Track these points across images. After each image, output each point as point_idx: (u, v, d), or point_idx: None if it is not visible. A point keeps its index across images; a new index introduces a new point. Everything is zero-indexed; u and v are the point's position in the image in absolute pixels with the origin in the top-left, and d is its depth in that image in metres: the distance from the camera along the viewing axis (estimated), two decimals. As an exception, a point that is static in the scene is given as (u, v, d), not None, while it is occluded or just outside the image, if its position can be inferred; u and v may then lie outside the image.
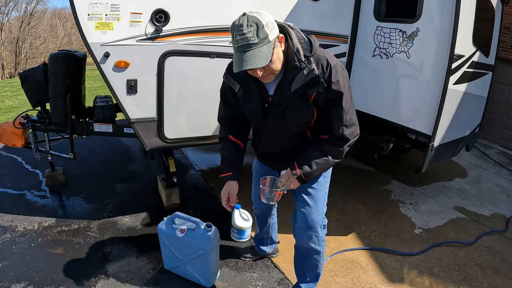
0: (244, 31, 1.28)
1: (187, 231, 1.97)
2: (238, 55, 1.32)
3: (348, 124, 1.50)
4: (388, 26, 2.76)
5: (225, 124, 1.77)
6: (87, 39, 2.09)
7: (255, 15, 1.31)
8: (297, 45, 1.40)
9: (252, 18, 1.29)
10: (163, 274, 2.24)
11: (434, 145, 2.63)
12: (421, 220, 3.11)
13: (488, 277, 2.47)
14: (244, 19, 1.30)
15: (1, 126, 2.99)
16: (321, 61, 1.43)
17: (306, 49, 1.42)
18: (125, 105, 2.29)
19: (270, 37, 1.31)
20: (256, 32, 1.28)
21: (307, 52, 1.42)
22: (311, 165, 1.55)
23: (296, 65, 1.40)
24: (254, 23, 1.28)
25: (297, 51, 1.40)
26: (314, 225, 1.76)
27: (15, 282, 2.13)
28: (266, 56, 1.31)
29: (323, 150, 1.55)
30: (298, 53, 1.40)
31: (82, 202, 3.00)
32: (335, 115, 1.49)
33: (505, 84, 5.43)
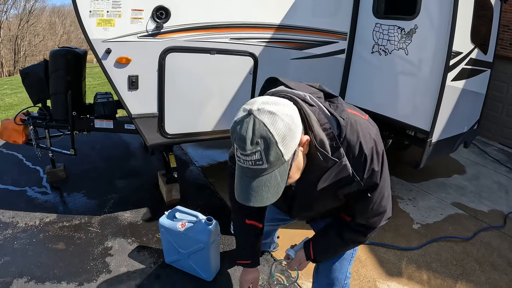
0: (247, 151, 0.90)
1: (188, 225, 1.99)
2: (239, 179, 0.98)
3: (377, 213, 1.24)
4: (386, 23, 2.78)
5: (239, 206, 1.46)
6: (88, 36, 2.10)
7: (265, 121, 0.89)
8: (320, 136, 1.02)
9: (260, 128, 0.88)
10: (164, 268, 2.26)
11: (432, 141, 2.66)
12: (419, 216, 3.13)
13: (486, 272, 2.50)
14: (248, 128, 0.89)
15: (2, 123, 3.01)
16: (354, 149, 1.09)
17: (332, 137, 1.04)
18: (126, 101, 2.31)
19: (286, 156, 0.92)
20: (265, 154, 0.90)
21: (334, 142, 1.05)
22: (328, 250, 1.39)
23: (322, 163, 1.06)
24: (261, 139, 0.88)
25: (321, 144, 1.03)
26: (333, 282, 1.54)
27: (17, 277, 2.15)
28: (278, 185, 0.96)
29: (343, 237, 1.33)
30: (323, 147, 1.03)
31: (83, 198, 3.02)
32: (361, 206, 1.22)
33: (504, 82, 5.44)
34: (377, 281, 2.32)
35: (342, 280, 1.53)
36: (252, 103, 0.93)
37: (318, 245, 1.39)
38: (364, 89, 3.03)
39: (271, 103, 0.92)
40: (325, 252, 1.39)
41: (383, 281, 2.32)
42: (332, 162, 1.06)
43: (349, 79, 3.11)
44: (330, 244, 1.37)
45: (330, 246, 1.37)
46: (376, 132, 1.15)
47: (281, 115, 0.90)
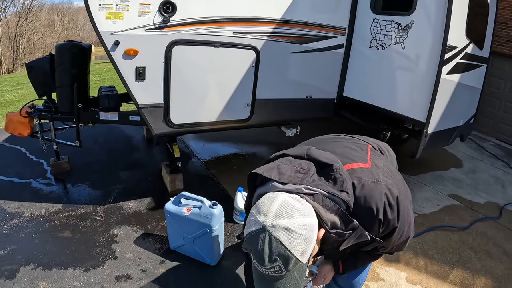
0: (266, 266, 0.91)
1: (193, 209, 2.06)
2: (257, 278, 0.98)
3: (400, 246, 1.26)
4: (384, 18, 2.86)
5: None
6: (98, 28, 2.18)
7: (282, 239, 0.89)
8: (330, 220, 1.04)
9: (278, 246, 0.89)
10: (169, 254, 2.34)
11: (428, 132, 2.73)
12: (416, 206, 3.20)
13: (482, 260, 2.56)
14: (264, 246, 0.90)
15: (7, 116, 3.06)
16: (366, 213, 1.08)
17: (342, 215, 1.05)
18: (133, 91, 2.39)
19: (304, 261, 0.94)
20: (284, 266, 0.91)
21: (345, 217, 1.05)
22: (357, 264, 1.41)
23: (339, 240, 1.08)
24: (280, 256, 0.89)
25: (334, 226, 1.05)
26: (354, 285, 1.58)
27: (24, 264, 2.21)
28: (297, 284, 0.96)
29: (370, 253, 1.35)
30: (335, 227, 1.05)
31: (87, 188, 3.08)
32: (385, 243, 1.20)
33: (501, 78, 5.47)
34: (375, 266, 2.39)
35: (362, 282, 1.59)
36: (265, 214, 0.91)
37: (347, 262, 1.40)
38: (362, 83, 3.10)
39: (285, 216, 0.90)
40: (354, 266, 1.40)
41: (381, 267, 2.40)
42: (348, 235, 1.07)
43: (347, 73, 3.19)
44: (358, 259, 1.38)
45: (359, 260, 1.39)
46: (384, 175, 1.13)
47: (297, 229, 0.90)
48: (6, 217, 2.66)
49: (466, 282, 2.33)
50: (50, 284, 2.06)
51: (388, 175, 1.15)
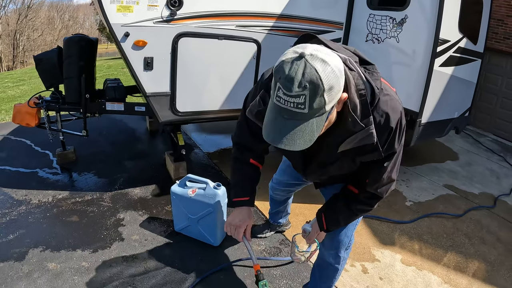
0: (293, 93, 0.87)
1: (198, 191, 2.16)
2: (273, 118, 0.95)
3: (386, 182, 1.27)
4: (379, 13, 2.97)
5: (246, 149, 1.50)
6: (109, 20, 2.31)
7: (318, 67, 0.87)
8: (354, 100, 1.03)
9: (311, 73, 0.86)
10: (174, 235, 2.44)
11: (421, 122, 2.84)
12: (412, 195, 3.30)
13: (475, 246, 2.65)
14: (298, 70, 0.87)
15: (15, 107, 3.12)
16: (382, 119, 1.10)
17: (365, 103, 1.05)
18: (142, 80, 2.51)
19: (327, 106, 0.91)
20: (310, 100, 0.88)
21: (365, 108, 1.05)
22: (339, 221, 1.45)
23: (349, 126, 1.06)
24: (310, 84, 0.86)
25: (354, 108, 1.04)
26: (338, 245, 1.62)
27: (33, 247, 2.29)
28: (312, 134, 0.93)
29: (351, 209, 1.39)
30: (354, 111, 1.04)
31: (94, 177, 3.18)
32: (374, 173, 1.25)
33: (499, 75, 5.55)
34: (371, 248, 2.50)
35: (346, 243, 1.63)
36: (303, 47, 0.90)
37: (329, 217, 1.45)
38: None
39: (324, 52, 0.90)
40: (336, 223, 1.45)
41: (377, 249, 2.50)
42: (360, 127, 1.06)
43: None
44: (340, 215, 1.43)
45: (340, 218, 1.43)
46: (401, 106, 1.17)
47: (333, 66, 0.89)
48: (14, 204, 2.73)
49: (460, 265, 2.42)
50: (58, 264, 2.15)
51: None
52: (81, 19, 38.05)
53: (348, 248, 1.66)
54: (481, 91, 5.74)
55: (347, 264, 2.33)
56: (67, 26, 35.70)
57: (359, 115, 1.05)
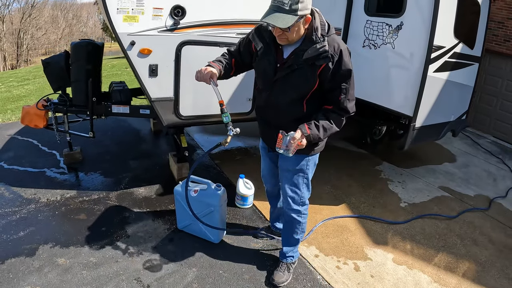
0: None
1: (199, 191, 2.28)
2: (268, 10, 1.60)
3: (351, 98, 1.77)
4: (376, 20, 3.06)
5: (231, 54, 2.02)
6: (116, 30, 2.43)
7: None
8: (317, 25, 1.67)
9: None
10: (177, 233, 2.56)
11: (415, 126, 2.94)
12: (407, 196, 3.39)
13: (467, 247, 2.71)
14: None
15: (24, 109, 3.22)
16: (334, 43, 1.68)
17: (324, 30, 1.68)
18: (147, 86, 2.64)
19: (299, 12, 1.56)
20: (291, 2, 1.54)
21: (324, 32, 1.68)
22: (318, 127, 1.76)
23: (312, 39, 1.67)
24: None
25: (316, 29, 1.66)
26: (292, 201, 2.05)
27: (42, 243, 2.40)
28: (286, 23, 1.56)
29: (329, 118, 1.78)
30: (316, 31, 1.66)
31: (100, 176, 3.30)
32: (342, 89, 1.73)
33: (498, 77, 5.59)
34: (364, 247, 2.60)
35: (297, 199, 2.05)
36: None
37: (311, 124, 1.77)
38: (356, 80, 3.30)
39: None
40: (316, 128, 1.76)
41: (370, 248, 2.60)
42: (318, 41, 1.66)
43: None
44: (319, 122, 1.77)
45: (320, 124, 1.76)
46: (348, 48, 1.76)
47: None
48: (23, 202, 2.85)
49: (450, 265, 2.49)
50: (68, 260, 2.26)
51: None
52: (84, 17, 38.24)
53: (303, 204, 2.09)
54: (480, 93, 5.79)
55: (340, 262, 2.44)
56: (70, 25, 35.89)
57: (319, 35, 1.68)
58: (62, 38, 33.86)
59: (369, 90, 3.25)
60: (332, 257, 2.48)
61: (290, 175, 2.02)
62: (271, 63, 1.81)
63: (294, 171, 2.00)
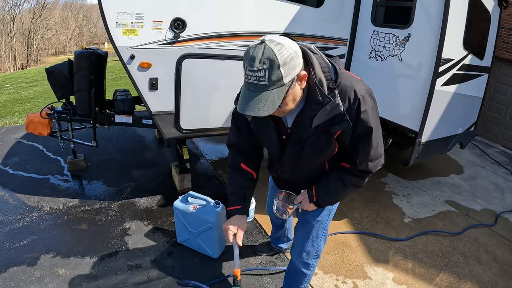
0: (255, 68, 1.08)
1: (198, 207, 2.27)
2: (244, 92, 1.16)
3: (374, 158, 1.39)
4: (383, 31, 3.00)
5: (236, 150, 1.59)
6: (115, 43, 2.41)
7: (273, 48, 1.07)
8: (319, 76, 1.21)
9: (268, 52, 1.07)
10: (176, 246, 2.54)
11: (421, 141, 2.88)
12: (411, 211, 3.33)
13: (470, 265, 2.64)
14: (258, 51, 1.08)
15: (28, 116, 3.26)
16: (348, 93, 1.24)
17: (330, 79, 1.22)
18: (147, 100, 2.62)
19: (285, 79, 1.10)
20: (268, 73, 1.08)
21: (331, 83, 1.22)
22: (329, 193, 1.50)
23: (318, 99, 1.22)
24: (268, 60, 1.07)
25: (320, 83, 1.21)
26: (307, 254, 1.77)
27: (44, 253, 2.42)
28: (273, 102, 1.12)
29: (343, 180, 1.45)
30: (321, 85, 1.21)
31: (102, 185, 3.31)
32: (361, 151, 1.36)
33: (508, 85, 5.49)
34: (364, 266, 2.55)
35: (313, 253, 1.76)
36: (265, 36, 1.13)
37: (320, 189, 1.50)
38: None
39: (280, 38, 1.12)
40: (326, 194, 1.50)
41: (370, 266, 2.55)
42: (327, 100, 1.22)
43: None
44: (331, 186, 1.48)
45: (331, 188, 1.48)
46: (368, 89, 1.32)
47: (287, 47, 1.10)
48: (26, 210, 2.87)
49: (452, 285, 2.42)
50: (68, 270, 2.27)
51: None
52: (94, 18, 38.65)
53: (316, 257, 1.80)
54: (490, 101, 5.69)
55: (339, 280, 2.40)
56: (80, 26, 36.32)
57: (325, 89, 1.22)
58: (72, 38, 34.30)
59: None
60: (331, 275, 2.44)
61: (309, 227, 1.72)
62: (273, 138, 1.42)
63: (314, 223, 1.71)
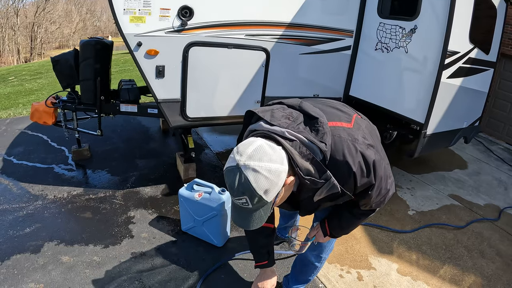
0: (235, 197, 1.09)
1: (204, 195, 2.28)
2: (235, 210, 1.19)
3: (380, 201, 1.37)
4: (389, 22, 2.99)
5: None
6: (122, 30, 2.40)
7: (249, 177, 1.04)
8: (305, 166, 1.15)
9: (245, 183, 1.04)
10: (181, 235, 2.55)
11: (426, 133, 2.87)
12: (415, 204, 3.33)
13: (474, 259, 2.65)
14: (235, 180, 1.06)
15: (33, 105, 3.25)
16: (342, 168, 1.19)
17: (316, 164, 1.17)
18: (153, 87, 2.62)
19: (268, 199, 1.09)
20: (250, 201, 1.08)
21: (319, 166, 1.17)
22: (342, 226, 1.53)
23: (312, 187, 1.20)
24: (246, 191, 1.06)
25: (308, 173, 1.16)
26: (322, 250, 1.79)
27: (48, 241, 2.42)
28: (261, 218, 1.15)
29: (354, 214, 1.47)
30: (309, 175, 1.17)
31: (107, 174, 3.32)
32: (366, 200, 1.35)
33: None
34: (369, 256, 2.56)
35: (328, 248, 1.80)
36: (241, 154, 1.06)
37: (333, 222, 1.54)
38: (367, 83, 3.25)
39: (256, 159, 1.05)
40: (339, 228, 1.54)
41: (374, 257, 2.56)
42: (321, 184, 1.19)
43: (354, 74, 3.34)
44: (343, 220, 1.51)
45: (344, 222, 1.51)
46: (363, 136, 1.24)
47: (264, 172, 1.04)
48: (30, 198, 2.88)
49: (455, 278, 2.43)
50: (72, 258, 2.28)
51: (367, 136, 1.27)
52: (98, 12, 38.59)
53: (329, 250, 1.83)
54: (495, 98, 5.66)
55: (343, 270, 2.41)
56: (84, 19, 36.25)
57: (315, 174, 1.17)
58: (75, 32, 34.25)
59: (380, 95, 3.19)
60: (336, 265, 2.44)
61: None
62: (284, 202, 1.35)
63: None
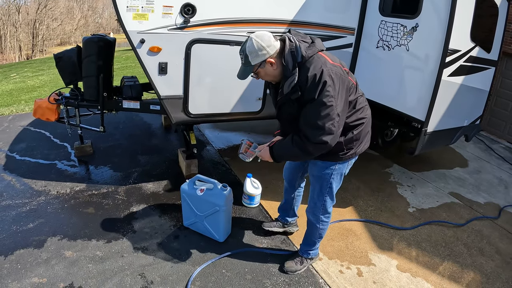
0: (240, 53, 1.76)
1: (206, 190, 2.30)
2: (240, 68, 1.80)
3: (311, 126, 1.71)
4: (391, 20, 3.00)
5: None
6: (126, 27, 2.43)
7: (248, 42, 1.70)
8: (287, 58, 1.69)
9: (245, 46, 1.71)
10: (182, 230, 2.58)
11: (427, 131, 2.88)
12: (415, 201, 3.34)
13: (473, 256, 2.66)
14: (244, 44, 1.73)
15: (36, 102, 3.28)
16: (306, 70, 1.66)
17: (295, 60, 1.68)
18: (156, 84, 2.64)
19: (252, 62, 1.71)
20: (244, 58, 1.72)
21: (295, 62, 1.68)
22: (281, 147, 1.90)
23: (285, 75, 1.72)
24: (243, 52, 1.71)
25: (287, 63, 1.69)
26: (314, 206, 2.13)
27: (51, 235, 2.46)
28: (245, 74, 1.77)
29: (293, 140, 1.82)
30: (287, 64, 1.69)
31: (109, 170, 3.34)
32: (302, 117, 1.74)
33: (514, 81, 5.49)
34: (369, 252, 2.58)
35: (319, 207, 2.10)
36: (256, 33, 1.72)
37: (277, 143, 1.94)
38: (368, 81, 3.26)
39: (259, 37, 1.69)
40: (279, 146, 1.91)
41: (374, 253, 2.58)
42: (290, 74, 1.70)
43: (355, 71, 3.35)
44: (284, 142, 1.88)
45: (283, 144, 1.88)
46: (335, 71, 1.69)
47: (255, 44, 1.68)
48: (33, 194, 2.91)
49: (455, 275, 2.45)
50: (75, 253, 2.31)
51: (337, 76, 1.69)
52: (100, 9, 38.57)
53: (324, 212, 2.13)
54: (496, 97, 5.65)
55: (343, 266, 2.43)
56: (86, 16, 36.21)
57: (291, 67, 1.69)
58: (77, 29, 34.25)
59: (381, 92, 3.20)
60: (336, 261, 2.47)
61: (315, 180, 2.08)
62: (274, 99, 1.95)
63: (318, 178, 2.05)
